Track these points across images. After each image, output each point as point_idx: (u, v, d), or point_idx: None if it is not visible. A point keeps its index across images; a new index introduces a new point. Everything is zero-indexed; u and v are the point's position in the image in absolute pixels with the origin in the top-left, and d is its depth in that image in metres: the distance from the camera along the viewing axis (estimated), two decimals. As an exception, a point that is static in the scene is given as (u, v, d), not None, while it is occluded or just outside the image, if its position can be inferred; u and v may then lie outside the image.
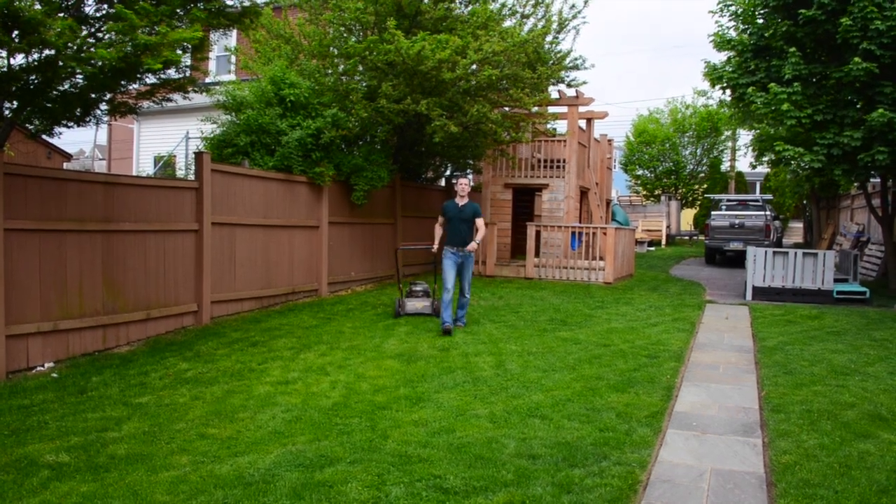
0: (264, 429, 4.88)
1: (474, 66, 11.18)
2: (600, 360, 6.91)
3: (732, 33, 12.34)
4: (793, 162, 11.89)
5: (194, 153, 8.58)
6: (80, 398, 5.58)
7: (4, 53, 5.69)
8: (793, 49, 10.70)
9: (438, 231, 8.61)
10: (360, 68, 11.42)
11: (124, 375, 6.24)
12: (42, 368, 6.41)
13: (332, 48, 11.75)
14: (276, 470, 4.11)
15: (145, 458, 4.34)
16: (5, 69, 5.80)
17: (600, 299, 10.94)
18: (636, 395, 5.75)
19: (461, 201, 8.36)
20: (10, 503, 3.74)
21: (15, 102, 6.35)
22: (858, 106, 10.86)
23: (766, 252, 11.71)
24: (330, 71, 11.84)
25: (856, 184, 13.16)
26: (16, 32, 5.33)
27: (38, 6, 5.22)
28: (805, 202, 26.22)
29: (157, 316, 7.80)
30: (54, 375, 6.19)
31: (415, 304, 9.08)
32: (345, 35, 11.74)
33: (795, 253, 11.60)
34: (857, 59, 9.97)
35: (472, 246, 8.28)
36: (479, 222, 8.39)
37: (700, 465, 4.32)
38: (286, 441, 4.63)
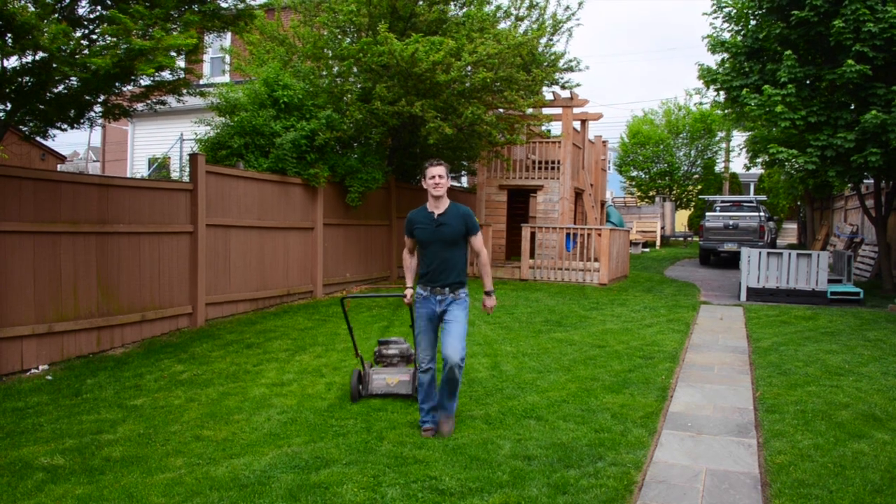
0: (260, 430, 4.87)
1: (469, 69, 11.20)
2: (595, 361, 6.92)
3: (726, 35, 12.39)
4: (787, 163, 11.94)
5: (189, 155, 8.57)
6: (74, 400, 5.57)
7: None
8: (788, 52, 10.75)
9: (408, 262, 5.12)
10: (355, 70, 11.43)
11: (119, 377, 6.23)
12: (36, 371, 6.39)
13: (326, 50, 11.75)
14: (271, 472, 4.10)
15: (140, 460, 4.33)
16: (-1, 71, 5.79)
17: (595, 300, 10.96)
18: (631, 395, 5.76)
19: (437, 209, 4.79)
20: (5, 506, 3.73)
21: (9, 104, 6.34)
22: (852, 108, 10.92)
23: (760, 253, 11.75)
24: (324, 73, 11.84)
25: (849, 185, 13.23)
26: (9, 35, 5.32)
27: (31, 8, 5.21)
28: (799, 203, 26.37)
29: (151, 318, 7.79)
30: (49, 378, 6.17)
31: (383, 380, 5.67)
32: (339, 37, 11.74)
33: (789, 254, 11.64)
34: (850, 61, 10.02)
35: (490, 303, 5.04)
36: (477, 242, 4.91)
37: (695, 465, 4.34)
38: (282, 443, 4.62)
